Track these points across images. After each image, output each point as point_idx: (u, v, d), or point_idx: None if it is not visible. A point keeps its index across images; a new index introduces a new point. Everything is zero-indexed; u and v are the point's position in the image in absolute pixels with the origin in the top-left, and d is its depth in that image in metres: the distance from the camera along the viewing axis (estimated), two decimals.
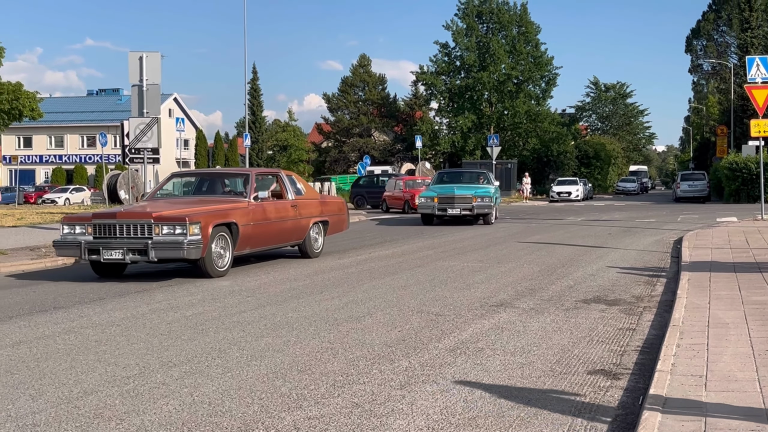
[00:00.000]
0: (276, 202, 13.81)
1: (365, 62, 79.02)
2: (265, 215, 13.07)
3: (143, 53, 18.61)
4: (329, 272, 12.50)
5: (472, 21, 66.20)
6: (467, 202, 23.49)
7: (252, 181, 13.24)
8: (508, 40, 65.75)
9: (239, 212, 12.38)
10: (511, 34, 65.93)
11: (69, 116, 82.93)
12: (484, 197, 23.70)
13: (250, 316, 8.56)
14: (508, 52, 65.15)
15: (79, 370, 6.17)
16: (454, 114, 67.10)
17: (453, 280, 11.22)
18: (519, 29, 66.25)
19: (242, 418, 4.91)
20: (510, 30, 65.97)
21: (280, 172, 14.68)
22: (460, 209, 23.44)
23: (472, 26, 66.06)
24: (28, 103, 36.35)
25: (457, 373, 5.97)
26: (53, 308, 9.27)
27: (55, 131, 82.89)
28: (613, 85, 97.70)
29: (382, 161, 70.80)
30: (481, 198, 23.63)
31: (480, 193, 23.94)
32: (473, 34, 65.86)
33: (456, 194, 23.69)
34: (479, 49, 65.56)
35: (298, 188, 14.67)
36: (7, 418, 4.96)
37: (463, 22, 66.62)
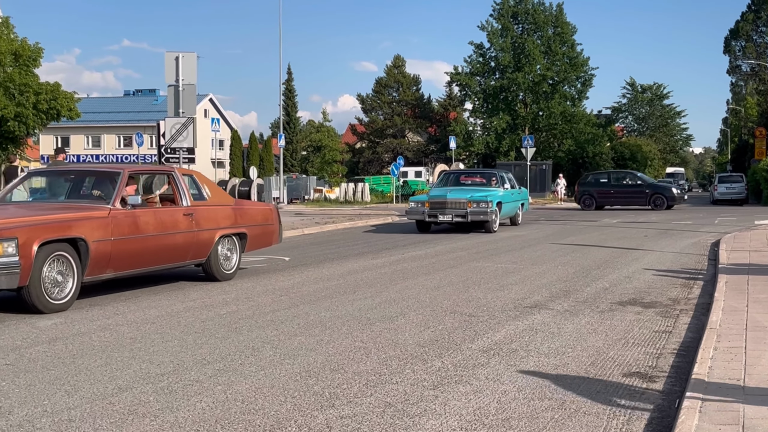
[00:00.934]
0: (159, 209, 10.84)
1: (399, 63, 79.04)
2: (136, 227, 10.01)
3: (179, 53, 18.75)
4: (362, 272, 12.50)
5: (508, 21, 65.93)
6: (460, 207, 20.42)
7: (121, 182, 10.13)
8: (543, 40, 65.38)
9: (91, 223, 9.31)
10: (547, 34, 65.56)
11: (106, 116, 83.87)
12: (480, 202, 20.41)
13: (284, 315, 8.59)
14: (544, 53, 64.80)
15: (114, 366, 6.22)
16: (488, 115, 66.87)
17: (486, 281, 11.17)
18: (554, 30, 65.86)
19: (275, 416, 4.92)
20: (545, 30, 65.61)
21: (174, 171, 11.41)
22: (452, 215, 20.37)
23: (507, 27, 65.79)
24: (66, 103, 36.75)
25: (490, 374, 5.93)
26: (89, 306, 9.36)
27: (92, 131, 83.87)
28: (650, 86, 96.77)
29: (415, 162, 70.79)
30: (476, 203, 20.37)
31: (477, 197, 20.68)
32: (508, 34, 65.59)
33: (448, 198, 20.66)
34: (514, 50, 65.28)
35: (201, 192, 11.56)
36: (43, 413, 5.02)
37: (498, 22, 66.38)
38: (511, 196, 22.72)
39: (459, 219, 20.37)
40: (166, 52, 18.92)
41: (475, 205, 20.38)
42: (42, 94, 35.72)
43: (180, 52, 18.74)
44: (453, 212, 20.38)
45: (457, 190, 21.67)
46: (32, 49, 36.52)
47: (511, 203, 22.68)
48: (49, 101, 36.05)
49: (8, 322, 8.30)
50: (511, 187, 23.29)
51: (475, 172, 27.31)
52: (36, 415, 4.96)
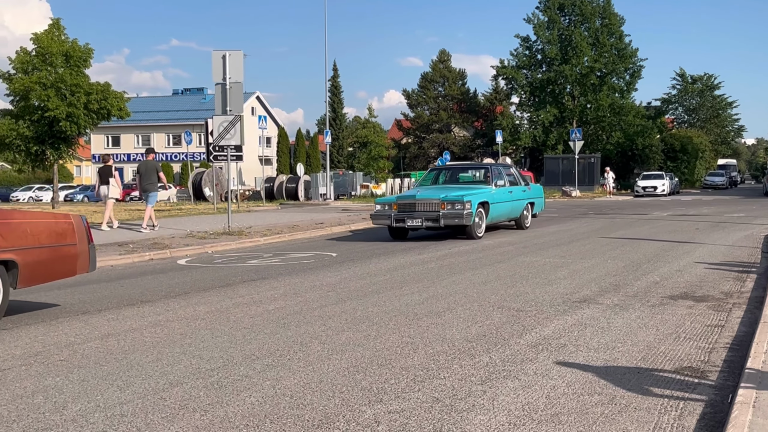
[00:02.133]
0: None
1: (445, 57, 78.79)
2: None
3: (226, 52, 18.92)
4: (409, 268, 12.50)
5: (554, 14, 65.39)
6: (432, 209, 16.94)
7: None
8: (590, 32, 64.73)
9: None
10: (594, 26, 64.88)
11: (155, 115, 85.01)
12: (456, 203, 16.77)
13: (331, 310, 8.62)
14: (591, 45, 64.15)
15: (165, 362, 6.30)
16: (535, 108, 66.42)
17: (534, 276, 11.09)
18: (602, 21, 65.14)
19: (323, 411, 4.94)
20: (593, 22, 64.93)
21: None
22: (422, 219, 17.00)
23: (554, 19, 65.25)
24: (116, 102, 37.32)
25: (539, 369, 5.89)
26: (140, 302, 9.50)
27: (142, 130, 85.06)
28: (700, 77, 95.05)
29: (461, 157, 70.53)
30: (451, 204, 16.79)
31: (453, 197, 16.94)
32: (555, 26, 65.05)
33: (417, 199, 17.22)
34: (561, 42, 64.72)
35: None
36: (96, 408, 5.10)
37: (545, 15, 65.88)
38: (507, 194, 19.00)
39: (430, 224, 17.00)
40: (213, 50, 19.11)
41: (449, 206, 16.80)
42: (93, 94, 36.31)
43: (227, 51, 18.92)
44: (423, 216, 16.99)
45: (433, 189, 18.50)
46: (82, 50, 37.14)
47: (508, 203, 19.01)
48: (99, 101, 36.63)
49: (62, 318, 8.46)
50: (511, 183, 19.63)
51: (472, 167, 22.50)
52: (89, 410, 5.04)
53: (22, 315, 8.73)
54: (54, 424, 4.78)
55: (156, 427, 4.69)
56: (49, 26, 37.11)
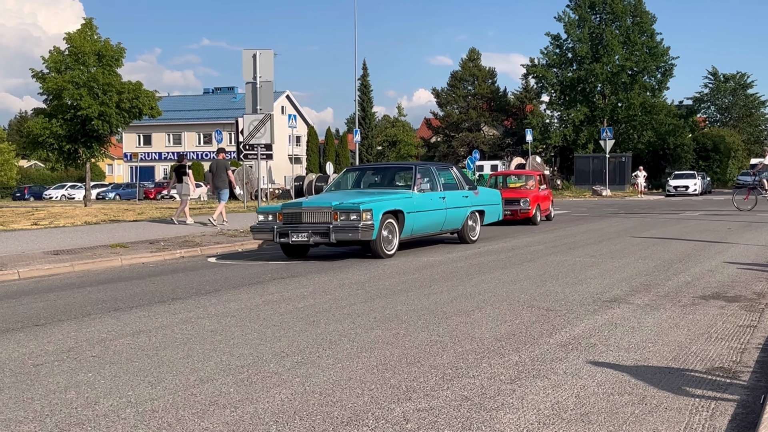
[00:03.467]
0: None
1: (475, 56, 78.62)
2: None
3: (257, 51, 19.02)
4: (438, 266, 12.49)
5: (585, 12, 65.02)
6: (322, 221, 13.45)
7: None
8: (622, 30, 64.28)
9: None
10: (625, 24, 64.42)
11: (186, 114, 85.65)
12: (351, 212, 13.20)
13: (360, 308, 8.64)
14: (622, 43, 63.71)
15: (195, 358, 6.35)
16: (565, 107, 66.10)
17: (564, 275, 11.04)
18: (633, 19, 64.68)
19: (352, 409, 4.95)
20: (624, 20, 64.48)
21: None
22: (308, 233, 13.41)
23: (584, 17, 64.89)
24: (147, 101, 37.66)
25: (568, 368, 5.86)
26: (171, 299, 9.58)
27: (173, 129, 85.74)
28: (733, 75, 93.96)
29: (491, 156, 70.34)
30: (346, 214, 13.25)
31: (348, 205, 13.36)
32: (586, 25, 64.68)
33: (304, 208, 13.76)
34: (592, 41, 64.34)
35: None
36: (128, 403, 5.15)
37: (576, 13, 65.54)
38: (438, 201, 15.21)
39: (319, 238, 13.42)
40: (244, 50, 19.23)
41: (343, 216, 13.26)
42: (125, 93, 36.67)
43: (257, 50, 19.01)
44: (310, 228, 13.43)
45: (337, 194, 15.12)
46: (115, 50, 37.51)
47: (439, 212, 15.23)
48: (131, 100, 36.98)
49: (93, 315, 8.55)
50: (448, 187, 16.06)
51: (393, 167, 17.50)
52: (121, 406, 5.10)
53: (55, 311, 8.84)
54: (86, 419, 4.83)
55: (186, 422, 4.72)
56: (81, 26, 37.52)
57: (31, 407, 5.08)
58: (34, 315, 8.62)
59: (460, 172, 17.22)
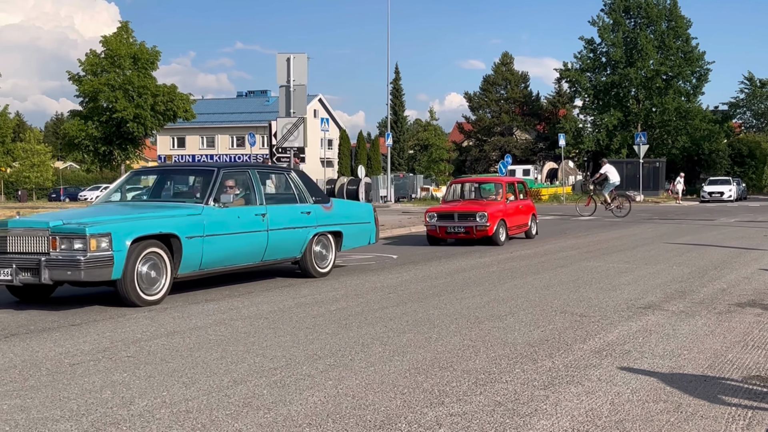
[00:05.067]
0: None
1: (508, 60, 78.35)
2: None
3: (291, 55, 19.08)
4: (470, 271, 12.46)
5: (619, 16, 64.57)
6: (34, 248, 8.94)
7: None
8: (656, 35, 63.75)
9: None
10: (660, 28, 63.89)
11: (220, 117, 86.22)
12: (75, 237, 8.75)
13: (392, 312, 8.64)
14: (657, 48, 63.17)
15: (229, 360, 6.39)
16: (599, 111, 65.65)
17: (598, 281, 10.96)
18: (668, 23, 64.12)
19: (385, 412, 4.95)
20: (659, 24, 63.94)
21: None
22: (12, 269, 8.85)
23: (618, 21, 64.43)
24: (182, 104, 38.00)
25: (602, 375, 5.82)
26: (205, 300, 9.65)
27: (206, 132, 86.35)
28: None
29: (523, 160, 70.03)
30: (68, 240, 8.79)
31: (71, 227, 8.86)
32: (620, 29, 64.23)
33: (9, 229, 9.11)
34: (626, 45, 63.87)
35: None
36: (162, 404, 5.19)
37: (610, 17, 65.09)
38: (253, 219, 10.83)
39: (28, 278, 8.87)
40: (278, 53, 19.31)
41: (64, 244, 8.79)
42: (159, 96, 37.02)
43: (291, 54, 19.08)
44: (16, 262, 8.89)
45: (73, 212, 11.08)
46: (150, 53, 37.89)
47: (256, 235, 10.86)
48: (166, 103, 37.33)
49: (129, 315, 8.63)
50: (274, 200, 11.68)
51: (173, 169, 14.23)
52: (155, 406, 5.14)
53: (90, 311, 8.94)
54: (121, 418, 4.88)
55: (221, 423, 4.75)
56: (117, 29, 37.96)
57: (67, 406, 5.14)
58: (69, 314, 8.72)
59: (304, 178, 12.23)
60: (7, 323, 8.24)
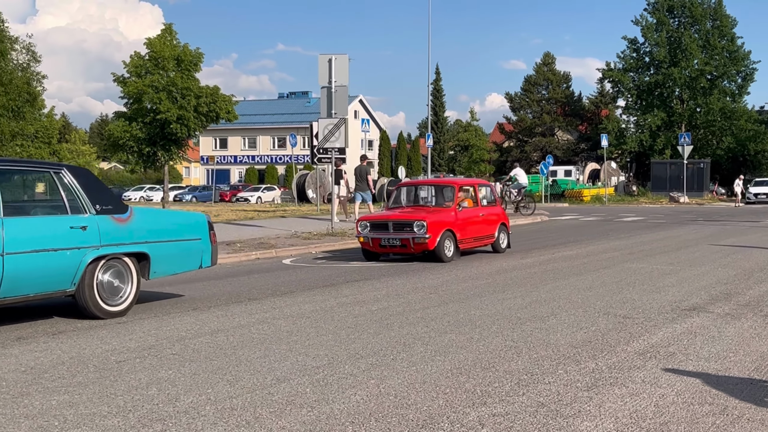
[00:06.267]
0: None
1: (549, 60, 77.91)
2: None
3: (332, 56, 19.16)
4: (511, 271, 12.41)
5: (663, 15, 63.81)
6: None
7: None
8: (701, 34, 62.89)
9: None
10: (705, 28, 63.01)
11: (261, 118, 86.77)
12: None
13: (434, 312, 8.64)
14: (701, 47, 62.31)
15: (272, 358, 6.44)
16: (642, 112, 64.94)
17: (641, 283, 10.86)
18: (713, 23, 63.22)
19: (427, 412, 4.96)
20: (703, 24, 63.07)
21: None
22: None
23: (662, 21, 63.67)
24: (224, 105, 38.20)
25: (647, 377, 5.77)
26: (248, 299, 9.73)
27: (248, 133, 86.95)
28: None
29: (565, 161, 69.56)
30: None
31: None
32: (664, 28, 63.45)
33: None
34: (670, 45, 63.08)
35: None
36: (207, 401, 5.25)
37: (653, 16, 64.35)
38: None
39: None
40: (320, 54, 19.39)
41: None
42: (202, 98, 37.27)
43: (333, 55, 19.15)
44: None
45: None
46: (193, 55, 38.17)
47: None
48: (208, 104, 37.57)
49: (173, 314, 8.74)
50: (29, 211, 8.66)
51: None
52: (200, 403, 5.20)
53: (135, 309, 9.06)
54: (167, 415, 4.94)
55: (264, 421, 4.80)
56: (161, 31, 38.26)
57: (115, 402, 5.22)
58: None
59: (83, 180, 8.61)
60: (55, 320, 8.39)
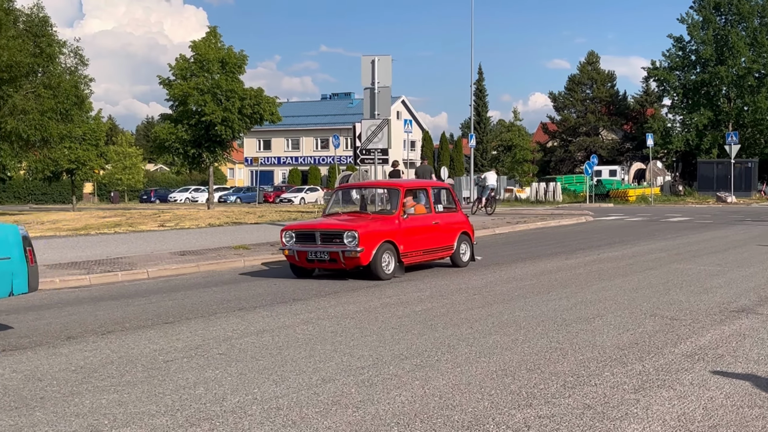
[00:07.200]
0: None
1: (593, 59, 77.14)
2: None
3: (375, 57, 19.19)
4: (556, 273, 12.33)
5: (709, 13, 62.86)
6: None
7: None
8: (748, 31, 61.82)
9: None
10: (752, 25, 61.94)
11: (304, 120, 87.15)
12: None
13: (478, 313, 8.62)
14: (749, 45, 61.26)
15: (317, 358, 6.48)
16: (688, 111, 64.03)
17: (688, 284, 10.72)
18: (761, 20, 62.11)
19: (472, 413, 4.96)
20: (751, 21, 62.00)
21: None
22: None
23: (709, 18, 62.73)
24: (268, 107, 38.45)
25: (695, 379, 5.70)
26: (293, 300, 9.80)
27: (291, 134, 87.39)
28: None
29: (609, 161, 68.84)
30: None
31: None
32: (710, 26, 62.51)
33: None
34: (717, 42, 62.13)
35: None
36: (254, 400, 5.30)
37: (700, 14, 63.42)
38: None
39: None
40: (363, 56, 19.42)
41: None
42: (246, 100, 37.56)
43: (376, 56, 19.18)
44: None
45: None
46: (237, 57, 38.48)
47: None
48: (253, 106, 37.84)
49: (219, 314, 8.83)
50: None
51: None
52: (247, 402, 5.25)
53: (182, 310, 9.17)
54: (214, 414, 5.00)
55: (311, 420, 4.83)
56: (206, 34, 38.65)
57: (163, 401, 5.30)
58: (163, 313, 8.97)
59: None
60: (103, 321, 8.53)
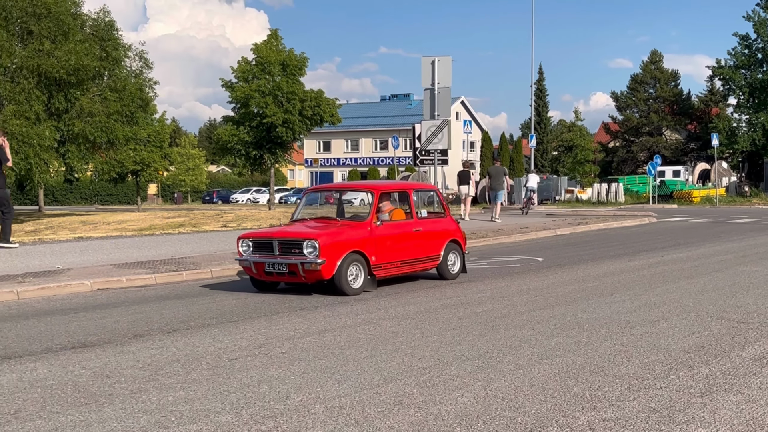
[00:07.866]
0: None
1: (657, 58, 76.00)
2: None
3: (435, 58, 19.20)
4: (619, 274, 12.18)
5: None
6: None
7: None
8: None
9: None
10: None
11: (363, 121, 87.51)
12: None
13: (539, 315, 8.56)
14: None
15: (378, 358, 6.51)
16: (755, 110, 62.58)
17: (756, 287, 10.50)
18: None
19: (536, 415, 4.93)
20: None
21: None
22: None
23: None
24: (328, 109, 38.73)
25: (764, 383, 5.59)
26: (354, 300, 9.85)
27: (351, 135, 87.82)
28: None
29: (673, 161, 67.71)
30: None
31: None
32: None
33: None
34: None
35: None
36: (317, 399, 5.35)
37: (766, 12, 61.98)
38: None
39: None
40: (423, 56, 19.45)
41: None
42: (307, 101, 37.88)
43: (436, 57, 19.18)
44: None
45: None
46: (298, 59, 38.83)
47: None
48: (313, 108, 38.14)
49: (282, 313, 8.93)
50: None
51: None
52: (310, 401, 5.30)
53: (246, 309, 9.29)
54: (278, 412, 5.06)
55: (373, 420, 4.86)
56: (267, 37, 39.07)
57: (228, 399, 5.38)
58: (227, 312, 9.10)
59: None
60: (169, 319, 8.69)
